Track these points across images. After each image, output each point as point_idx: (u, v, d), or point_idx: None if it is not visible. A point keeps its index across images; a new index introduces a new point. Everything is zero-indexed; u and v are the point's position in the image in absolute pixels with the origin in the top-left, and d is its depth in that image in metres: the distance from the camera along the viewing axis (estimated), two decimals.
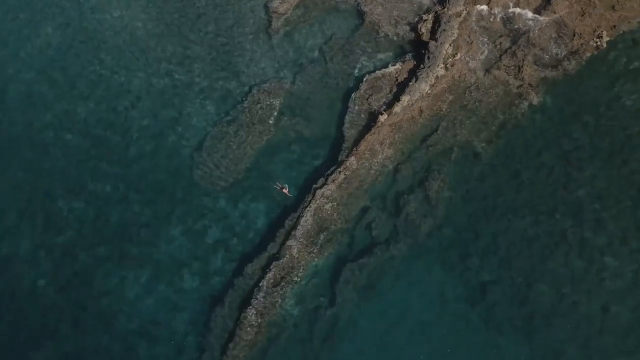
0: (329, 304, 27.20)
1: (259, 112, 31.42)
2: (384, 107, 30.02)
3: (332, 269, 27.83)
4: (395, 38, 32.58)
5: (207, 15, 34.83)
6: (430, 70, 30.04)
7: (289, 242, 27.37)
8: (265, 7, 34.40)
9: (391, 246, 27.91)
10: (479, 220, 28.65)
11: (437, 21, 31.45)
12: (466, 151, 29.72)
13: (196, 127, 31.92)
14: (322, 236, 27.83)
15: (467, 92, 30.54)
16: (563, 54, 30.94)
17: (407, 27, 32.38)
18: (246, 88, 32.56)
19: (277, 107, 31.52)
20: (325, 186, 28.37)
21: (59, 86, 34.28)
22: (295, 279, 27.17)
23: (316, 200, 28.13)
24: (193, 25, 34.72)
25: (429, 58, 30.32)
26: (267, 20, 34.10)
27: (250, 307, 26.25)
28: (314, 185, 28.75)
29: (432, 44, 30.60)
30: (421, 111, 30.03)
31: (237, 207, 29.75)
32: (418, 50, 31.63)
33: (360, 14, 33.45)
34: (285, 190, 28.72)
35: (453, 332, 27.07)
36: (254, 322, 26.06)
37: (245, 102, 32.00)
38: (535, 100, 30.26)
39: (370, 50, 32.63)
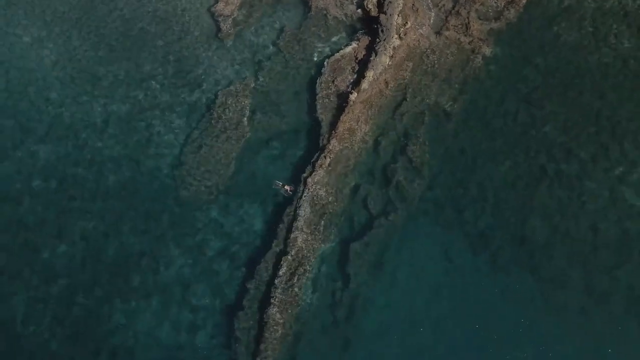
0: (344, 285, 27.56)
1: (230, 116, 31.22)
2: (351, 86, 30.68)
3: (339, 251, 28.21)
4: (344, 19, 33.30)
5: (151, 31, 34.07)
6: (387, 43, 30.95)
7: (293, 235, 27.49)
8: (210, 12, 34.10)
9: (389, 217, 28.60)
10: (463, 174, 29.89)
11: None
12: (436, 112, 30.89)
13: (170, 145, 31.25)
14: (322, 222, 28.16)
15: (424, 56, 31.74)
16: (502, 4, 32.75)
17: (354, 6, 33.16)
18: (211, 95, 32.24)
19: (247, 108, 31.46)
20: (314, 173, 28.70)
21: (12, 133, 32.40)
22: (307, 268, 27.33)
23: (309, 189, 28.39)
24: (139, 44, 33.84)
25: (382, 31, 31.22)
26: (214, 25, 33.84)
27: (272, 306, 26.19)
28: (303, 175, 28.99)
29: (382, 17, 31.52)
30: (387, 83, 30.92)
31: (230, 214, 29.48)
32: (369, 26, 32.51)
33: (305, 2, 33.92)
34: (287, 187, 28.77)
35: (464, 283, 28.09)
36: (278, 320, 26.04)
37: (214, 109, 31.69)
38: (488, 52, 31.90)
39: (323, 35, 33.18)
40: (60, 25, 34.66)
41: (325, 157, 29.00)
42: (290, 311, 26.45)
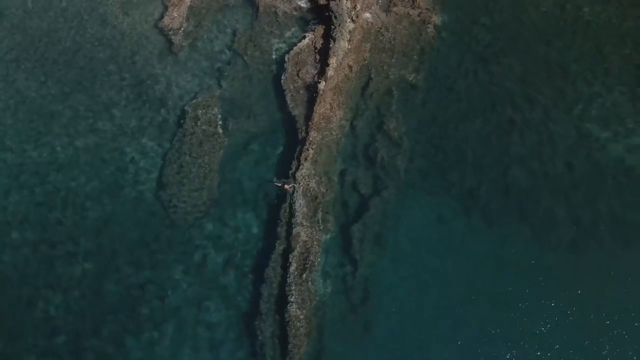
0: (353, 269, 27.89)
1: (203, 127, 30.74)
2: (317, 76, 30.97)
3: (341, 237, 28.49)
4: (294, 12, 33.44)
5: (100, 58, 32.83)
6: (342, 28, 31.43)
7: (295, 231, 27.56)
8: (158, 28, 33.30)
9: (381, 194, 29.18)
10: (440, 140, 30.83)
11: None
12: (403, 86, 31.69)
13: (146, 169, 30.33)
14: (319, 213, 28.39)
15: (379, 35, 32.45)
16: None
17: None
18: (177, 111, 31.55)
19: (218, 116, 31.06)
20: (301, 167, 28.83)
21: None
22: (315, 260, 27.50)
23: (299, 183, 28.52)
24: (91, 73, 32.56)
25: (335, 17, 31.65)
26: (165, 40, 33.10)
27: (290, 304, 26.21)
28: (290, 171, 29.07)
29: (332, 4, 31.95)
30: (350, 67, 31.41)
31: (225, 224, 29.10)
32: (320, 15, 32.84)
33: (252, 2, 33.75)
34: (287, 186, 28.66)
35: (463, 244, 28.88)
36: (300, 317, 26.10)
37: (184, 124, 31.09)
38: (437, 20, 33.03)
39: (277, 32, 33.20)
40: (0, 68, 32.82)
41: (307, 149, 29.18)
42: (308, 306, 26.58)
